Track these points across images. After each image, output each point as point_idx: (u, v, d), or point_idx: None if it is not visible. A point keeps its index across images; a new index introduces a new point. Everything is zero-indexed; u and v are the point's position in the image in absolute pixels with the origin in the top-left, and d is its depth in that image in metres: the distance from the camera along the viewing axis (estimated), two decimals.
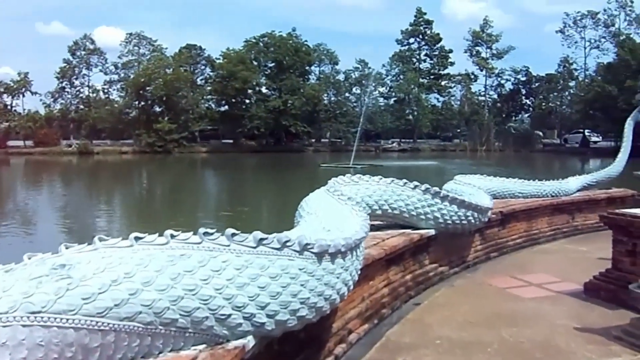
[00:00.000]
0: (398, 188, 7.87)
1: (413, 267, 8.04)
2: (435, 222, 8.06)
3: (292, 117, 71.65)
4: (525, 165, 53.14)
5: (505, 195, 11.60)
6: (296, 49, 74.76)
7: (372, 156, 63.73)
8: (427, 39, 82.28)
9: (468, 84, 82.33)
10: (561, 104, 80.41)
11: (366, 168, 43.24)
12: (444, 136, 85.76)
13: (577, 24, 78.46)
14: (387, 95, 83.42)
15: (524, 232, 11.19)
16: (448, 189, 10.28)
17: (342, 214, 5.81)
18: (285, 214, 6.75)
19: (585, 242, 11.38)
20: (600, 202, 12.89)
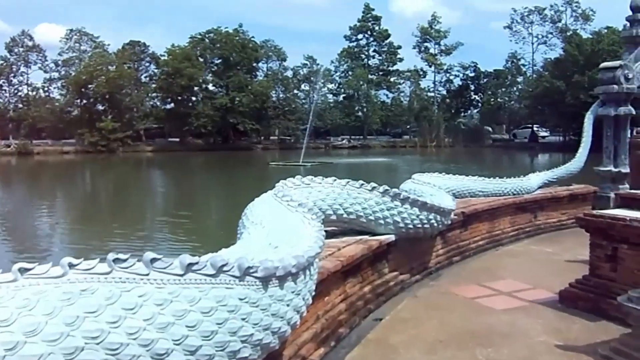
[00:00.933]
0: (354, 190, 7.05)
1: (372, 277, 7.24)
2: (395, 226, 7.28)
3: (239, 115, 70.14)
4: (476, 161, 53.25)
5: (465, 195, 10.92)
6: (243, 45, 73.27)
7: (322, 153, 62.96)
8: (375, 35, 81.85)
9: (417, 80, 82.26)
10: (510, 99, 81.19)
11: (316, 166, 42.50)
12: (393, 132, 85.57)
13: (524, 19, 79.54)
14: (336, 92, 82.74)
15: (487, 233, 10.54)
16: (406, 189, 9.53)
17: (292, 224, 4.92)
18: (233, 219, 5.89)
19: (550, 242, 10.82)
20: (562, 200, 12.39)
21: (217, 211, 24.65)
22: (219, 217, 22.11)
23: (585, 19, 74.53)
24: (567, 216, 12.47)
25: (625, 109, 13.50)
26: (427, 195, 8.69)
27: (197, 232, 18.46)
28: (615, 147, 13.66)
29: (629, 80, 13.39)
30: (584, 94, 54.46)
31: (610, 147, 13.69)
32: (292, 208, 5.46)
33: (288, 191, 6.27)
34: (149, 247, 15.78)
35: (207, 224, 20.51)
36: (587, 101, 54.80)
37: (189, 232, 18.42)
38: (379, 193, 7.16)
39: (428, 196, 8.57)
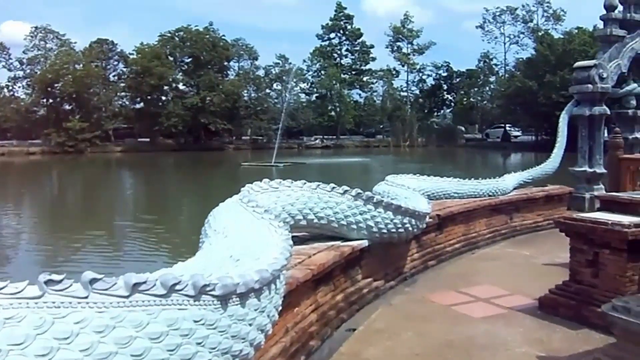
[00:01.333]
0: (325, 194, 6.67)
1: (344, 284, 6.88)
2: (369, 231, 6.93)
3: (211, 114, 69.23)
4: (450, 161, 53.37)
5: (440, 196, 10.63)
6: (214, 44, 72.33)
7: (295, 153, 62.50)
8: (348, 34, 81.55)
9: (390, 79, 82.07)
10: (482, 99, 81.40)
11: (289, 166, 42.05)
12: (367, 132, 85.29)
13: (496, 19, 79.85)
14: (308, 91, 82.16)
15: (462, 236, 10.26)
16: (379, 191, 9.20)
17: (257, 233, 4.53)
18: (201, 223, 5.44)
19: (526, 244, 10.59)
20: (538, 201, 12.19)
21: (185, 214, 23.66)
22: (186, 221, 21.15)
23: (557, 19, 75.16)
24: (543, 217, 12.29)
25: (599, 109, 13.38)
26: (402, 198, 8.37)
27: (163, 237, 17.72)
28: (590, 147, 13.54)
29: (603, 79, 13.27)
30: (556, 94, 54.82)
31: (585, 147, 13.57)
32: (258, 215, 5.08)
33: (254, 196, 5.88)
34: (111, 255, 15.18)
35: (173, 229, 19.68)
36: (559, 101, 55.19)
37: (154, 238, 17.68)
38: (351, 196, 6.80)
39: (402, 199, 8.25)
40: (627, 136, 14.29)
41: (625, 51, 13.65)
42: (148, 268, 3.78)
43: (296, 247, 6.39)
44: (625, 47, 13.65)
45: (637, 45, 13.79)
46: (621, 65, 13.57)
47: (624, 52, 13.63)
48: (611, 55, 13.50)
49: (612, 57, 13.51)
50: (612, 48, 13.51)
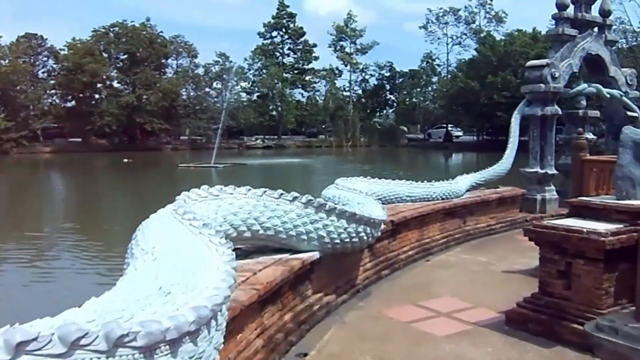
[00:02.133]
0: (272, 202, 5.93)
1: (293, 302, 6.14)
2: (320, 242, 6.22)
3: (147, 114, 67.03)
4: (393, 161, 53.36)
5: (392, 200, 10.02)
6: (151, 41, 70.13)
7: (236, 154, 61.12)
8: (290, 33, 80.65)
9: (333, 79, 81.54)
10: (425, 99, 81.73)
11: (229, 167, 40.93)
12: (309, 132, 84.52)
13: (439, 20, 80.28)
14: (249, 90, 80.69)
15: (416, 242, 9.68)
16: (329, 196, 8.52)
17: (194, 254, 3.74)
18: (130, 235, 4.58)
19: (482, 250, 10.10)
20: (492, 204, 11.76)
21: (113, 222, 20.80)
22: (114, 231, 18.46)
23: (498, 20, 76.23)
24: (496, 220, 11.88)
25: (552, 109, 13.07)
26: (355, 203, 7.70)
27: (87, 249, 16.02)
28: (542, 147, 13.23)
29: (555, 79, 12.96)
30: (498, 95, 55.68)
31: (536, 147, 13.24)
32: (195, 230, 4.28)
33: (191, 206, 5.08)
34: (25, 270, 13.67)
35: (99, 239, 17.63)
36: (501, 101, 56.16)
37: (76, 250, 15.90)
38: (301, 204, 6.08)
39: (356, 205, 7.57)
40: None
41: (576, 51, 13.40)
42: (60, 294, 2.90)
43: (239, 262, 5.63)
44: (577, 47, 13.40)
45: (588, 45, 13.58)
46: (572, 64, 13.31)
47: (575, 52, 13.38)
48: (563, 55, 13.22)
49: (564, 57, 13.23)
50: (564, 47, 13.23)
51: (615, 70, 14.20)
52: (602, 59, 13.94)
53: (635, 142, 5.69)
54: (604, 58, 13.95)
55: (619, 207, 5.65)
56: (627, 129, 5.85)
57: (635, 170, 5.70)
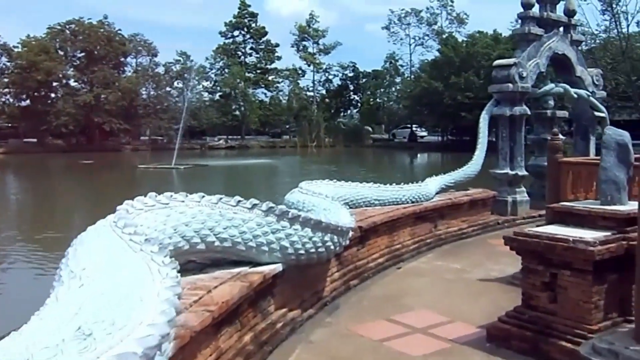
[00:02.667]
0: (229, 210, 5.37)
1: (254, 320, 5.57)
2: (283, 253, 5.68)
3: (105, 113, 65.19)
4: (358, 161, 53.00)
5: (360, 204, 9.53)
6: (109, 39, 68.19)
7: (198, 155, 59.91)
8: (252, 32, 79.58)
9: (296, 79, 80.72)
10: (388, 99, 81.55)
11: (190, 168, 39.96)
12: (272, 132, 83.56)
13: (401, 21, 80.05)
14: (212, 90, 79.27)
15: (386, 249, 9.19)
16: (293, 201, 7.97)
17: (129, 279, 3.14)
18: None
19: (454, 256, 9.66)
20: (463, 206, 11.36)
21: (64, 229, 18.18)
22: (64, 239, 16.27)
23: (460, 22, 76.59)
24: (467, 224, 11.49)
25: (520, 109, 12.77)
26: (320, 209, 7.17)
27: (37, 259, 14.49)
28: (511, 148, 12.91)
29: (523, 78, 12.66)
30: (461, 95, 55.74)
31: (505, 148, 12.92)
32: (136, 246, 3.69)
33: (134, 218, 4.48)
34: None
35: (49, 247, 15.50)
36: (464, 102, 56.33)
37: (22, 261, 14.48)
38: (261, 212, 5.53)
39: (321, 211, 7.04)
40: (546, 137, 13.83)
41: (543, 50, 13.12)
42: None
43: (192, 278, 5.08)
44: (543, 46, 13.13)
45: (554, 45, 13.31)
46: (540, 64, 13.03)
47: (542, 51, 13.10)
48: (529, 54, 12.92)
49: (531, 56, 12.93)
50: (530, 47, 12.94)
51: (582, 70, 13.98)
52: (569, 58, 13.70)
53: (619, 143, 5.28)
54: (570, 58, 13.71)
55: (605, 213, 5.22)
56: (610, 130, 5.44)
57: (619, 173, 5.29)
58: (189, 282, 5.01)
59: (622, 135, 5.26)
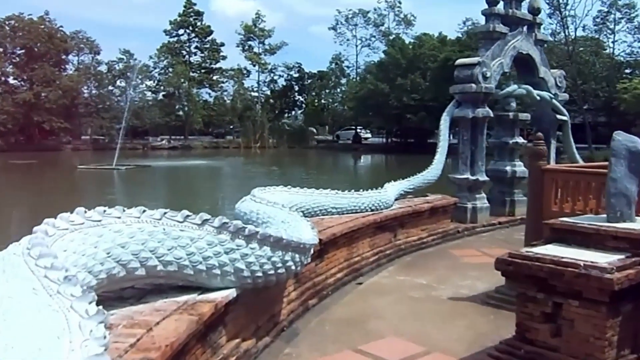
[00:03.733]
0: (174, 227, 4.49)
1: (202, 357, 4.67)
2: (238, 276, 4.83)
3: (46, 112, 62.52)
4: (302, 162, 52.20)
5: (316, 213, 8.70)
6: (50, 35, 65.51)
7: (140, 155, 57.93)
8: (197, 31, 77.77)
9: (241, 79, 79.28)
10: (333, 100, 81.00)
11: (132, 169, 38.33)
12: (216, 133, 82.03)
13: (348, 21, 79.67)
14: (155, 89, 77.24)
15: (345, 262, 8.40)
16: (246, 211, 7.08)
17: (34, 342, 2.22)
18: None
19: (418, 269, 8.93)
20: (424, 214, 10.66)
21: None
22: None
23: (407, 23, 76.56)
24: (427, 232, 10.80)
25: (483, 111, 12.19)
26: (278, 222, 6.31)
27: None
28: (472, 152, 12.33)
29: (486, 79, 12.09)
30: (407, 97, 55.65)
31: (466, 152, 12.32)
32: (51, 286, 2.76)
33: (54, 242, 3.54)
34: None
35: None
36: (410, 104, 56.29)
37: None
38: (213, 228, 4.66)
39: (279, 224, 6.20)
40: (508, 141, 13.34)
41: (507, 49, 12.61)
42: None
43: (128, 311, 4.20)
44: (508, 45, 12.62)
45: (518, 44, 12.82)
46: (504, 64, 12.51)
47: (506, 50, 12.59)
48: (494, 53, 12.38)
49: (495, 55, 12.39)
50: (495, 45, 12.40)
51: (545, 71, 13.56)
52: (533, 58, 13.25)
53: (630, 150, 4.60)
54: (534, 58, 13.26)
55: (617, 232, 4.54)
56: (619, 135, 4.75)
57: (630, 185, 4.63)
58: (125, 316, 4.10)
59: (634, 141, 4.58)
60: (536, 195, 6.72)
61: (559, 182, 6.61)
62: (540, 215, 6.74)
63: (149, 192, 28.40)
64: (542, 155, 6.74)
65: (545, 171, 6.68)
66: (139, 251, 4.25)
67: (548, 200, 6.63)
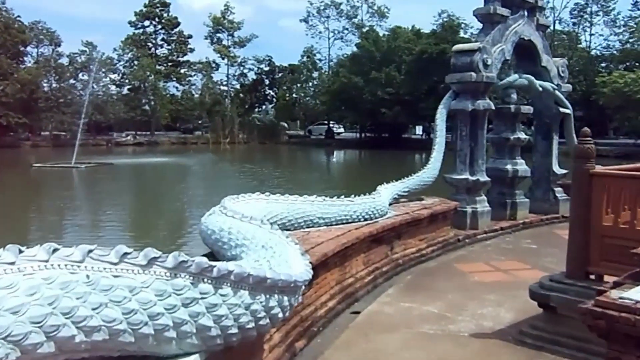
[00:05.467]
0: (104, 274, 2.93)
1: None
2: (204, 337, 3.31)
3: (2, 106, 59.27)
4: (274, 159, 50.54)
5: (300, 225, 7.19)
6: (6, 26, 62.39)
7: (104, 151, 55.51)
8: (164, 23, 75.26)
9: (209, 72, 77.10)
10: (305, 95, 79.23)
11: (92, 167, 36.09)
12: (184, 128, 79.64)
13: (320, 13, 77.87)
14: (120, 83, 74.64)
15: (337, 286, 6.90)
16: (214, 229, 5.51)
17: None
18: None
19: (423, 291, 7.46)
20: (422, 222, 9.20)
21: None
22: None
23: (381, 15, 74.97)
24: (426, 243, 9.39)
25: (484, 103, 10.78)
26: (258, 248, 4.77)
27: None
28: (472, 149, 10.92)
29: (487, 67, 10.68)
30: (382, 91, 54.34)
31: (465, 149, 10.92)
32: None
33: None
34: None
35: None
36: (385, 98, 54.97)
37: None
38: (164, 270, 3.13)
39: (259, 251, 4.67)
40: (508, 136, 11.99)
41: (508, 34, 11.24)
42: None
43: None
44: (509, 30, 11.25)
45: (520, 29, 11.47)
46: (505, 50, 11.14)
47: (507, 36, 11.22)
48: (494, 39, 11.00)
49: (496, 41, 11.01)
50: (495, 30, 11.02)
51: (548, 60, 12.25)
52: (535, 45, 11.92)
53: None
54: (536, 44, 11.94)
55: None
56: None
57: None
58: None
59: None
60: (583, 204, 5.30)
61: (612, 188, 5.21)
62: (587, 230, 5.36)
63: (106, 195, 26.03)
64: (591, 155, 5.32)
65: (593, 175, 5.27)
66: (44, 316, 2.68)
67: (598, 212, 5.23)
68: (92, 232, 17.00)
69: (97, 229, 17.60)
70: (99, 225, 18.45)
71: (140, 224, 19.15)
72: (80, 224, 18.74)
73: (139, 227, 18.53)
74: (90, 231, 17.13)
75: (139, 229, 18.04)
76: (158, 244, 13.26)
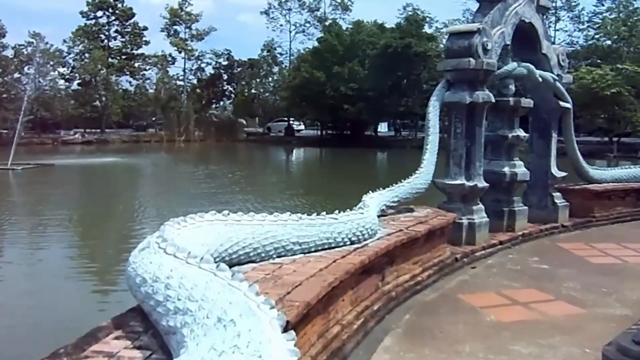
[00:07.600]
0: None
1: None
2: None
3: None
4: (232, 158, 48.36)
5: (269, 254, 5.33)
6: None
7: (49, 150, 52.02)
8: (117, 14, 72.16)
9: (165, 66, 74.38)
10: (265, 90, 77.11)
11: (31, 169, 32.96)
12: (137, 125, 76.42)
13: (282, 6, 75.67)
14: (69, 77, 71.24)
15: (319, 341, 5.00)
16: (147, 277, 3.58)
17: None
18: None
19: (431, 342, 5.61)
20: (418, 241, 7.39)
21: None
22: None
23: (344, 8, 73.25)
24: (421, 267, 7.59)
25: (483, 94, 9.05)
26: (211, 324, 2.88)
27: None
28: (468, 150, 9.20)
29: (487, 52, 8.97)
30: (345, 86, 52.74)
31: (460, 149, 9.19)
32: None
33: None
34: None
35: None
36: (347, 94, 53.31)
37: None
38: None
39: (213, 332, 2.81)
40: (506, 134, 10.34)
41: (508, 16, 9.58)
42: None
43: None
44: (509, 10, 9.60)
45: (521, 9, 9.82)
46: (505, 34, 9.48)
47: (507, 17, 9.56)
48: (493, 20, 9.32)
49: (495, 23, 9.34)
50: (494, 10, 9.33)
51: (548, 46, 10.67)
52: (535, 29, 10.30)
53: None
54: (537, 29, 10.31)
55: None
56: None
57: None
58: None
59: None
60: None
61: None
62: None
63: (31, 204, 22.08)
64: None
65: None
66: None
67: None
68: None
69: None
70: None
71: (60, 252, 14.33)
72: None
73: (57, 256, 13.95)
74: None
75: (55, 260, 13.54)
76: (69, 290, 9.77)
